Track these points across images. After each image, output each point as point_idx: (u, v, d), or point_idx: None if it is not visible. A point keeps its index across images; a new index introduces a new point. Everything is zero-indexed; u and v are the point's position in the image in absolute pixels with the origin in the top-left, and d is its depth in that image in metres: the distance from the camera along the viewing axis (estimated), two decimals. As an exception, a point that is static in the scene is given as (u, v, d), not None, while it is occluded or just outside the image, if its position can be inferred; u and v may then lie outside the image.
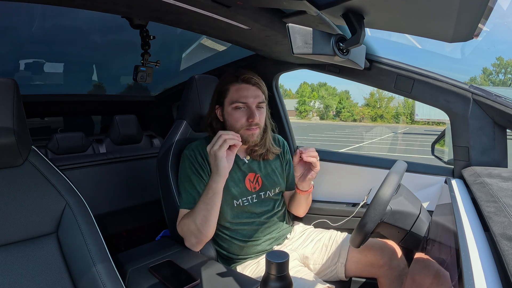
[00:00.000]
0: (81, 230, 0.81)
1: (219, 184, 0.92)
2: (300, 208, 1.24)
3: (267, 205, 1.15)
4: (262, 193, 1.14)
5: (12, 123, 0.74)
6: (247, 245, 1.09)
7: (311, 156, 1.05)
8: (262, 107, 1.08)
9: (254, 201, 1.12)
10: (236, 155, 1.12)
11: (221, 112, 1.08)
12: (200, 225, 0.94)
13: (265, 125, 1.13)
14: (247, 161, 1.15)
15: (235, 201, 1.09)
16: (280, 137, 1.30)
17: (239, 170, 1.13)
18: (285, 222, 1.21)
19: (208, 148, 0.92)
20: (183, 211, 1.02)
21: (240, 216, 1.10)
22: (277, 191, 1.19)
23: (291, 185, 1.26)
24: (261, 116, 1.07)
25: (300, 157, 1.06)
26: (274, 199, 1.18)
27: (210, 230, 0.97)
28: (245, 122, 1.03)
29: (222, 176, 0.92)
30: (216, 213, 0.95)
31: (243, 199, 1.10)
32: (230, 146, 0.91)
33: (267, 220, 1.14)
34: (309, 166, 1.09)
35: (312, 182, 1.17)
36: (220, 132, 0.91)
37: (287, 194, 1.29)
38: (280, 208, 1.19)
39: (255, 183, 1.14)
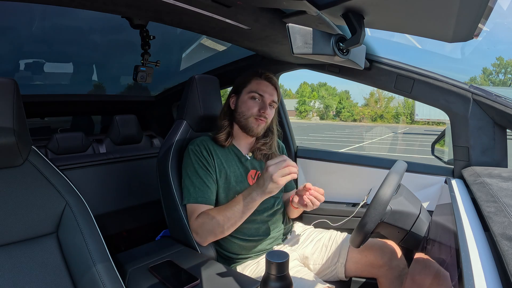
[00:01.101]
0: (81, 230, 0.81)
1: (263, 199, 0.92)
2: (293, 214, 1.27)
3: (267, 201, 1.15)
4: None
5: (12, 123, 0.74)
6: (247, 244, 1.09)
7: (317, 199, 1.04)
8: (273, 107, 1.15)
9: None
10: (239, 151, 1.16)
11: (235, 100, 1.14)
12: (227, 228, 0.97)
13: (273, 127, 1.19)
14: (249, 158, 1.16)
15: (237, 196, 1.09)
16: (279, 141, 1.34)
17: (242, 166, 1.14)
18: (284, 221, 1.22)
19: (271, 166, 0.86)
20: (194, 206, 1.02)
21: None
22: None
23: (287, 187, 1.31)
24: (270, 114, 1.13)
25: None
26: (274, 197, 1.18)
27: (232, 230, 0.99)
28: (257, 111, 1.10)
29: (270, 195, 0.91)
30: (245, 219, 0.97)
31: None
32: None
33: (268, 218, 1.14)
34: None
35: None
36: (288, 161, 0.87)
37: (284, 194, 1.31)
38: (279, 207, 1.20)
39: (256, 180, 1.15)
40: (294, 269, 1.03)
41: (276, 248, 1.15)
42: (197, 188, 1.03)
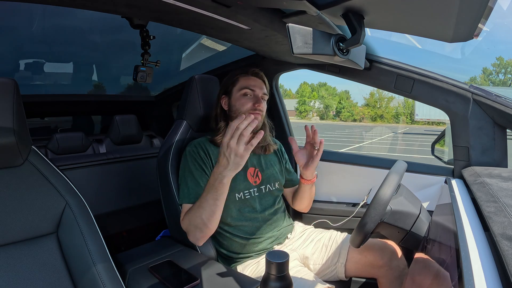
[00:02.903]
0: (81, 230, 0.81)
1: (230, 178, 0.90)
2: (304, 201, 1.27)
3: (268, 200, 1.16)
4: (262, 187, 1.16)
5: (12, 123, 0.74)
6: (248, 242, 1.10)
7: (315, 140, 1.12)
8: (265, 99, 1.16)
9: (256, 194, 1.13)
10: None
11: (227, 101, 1.15)
12: (207, 219, 0.94)
13: (264, 122, 1.19)
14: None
15: (237, 194, 1.10)
16: (275, 139, 1.35)
17: None
18: (285, 220, 1.22)
19: (224, 140, 0.85)
20: (186, 206, 1.02)
21: (242, 211, 1.10)
22: (277, 186, 1.20)
23: (293, 182, 1.30)
24: (264, 106, 1.14)
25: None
26: (274, 195, 1.19)
27: (215, 223, 0.97)
28: (251, 106, 1.11)
29: (237, 171, 0.88)
30: (222, 206, 0.95)
31: (245, 192, 1.11)
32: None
33: (268, 216, 1.14)
34: (311, 153, 1.14)
35: (316, 172, 1.20)
36: (234, 123, 0.84)
37: (289, 191, 1.32)
38: (280, 205, 1.20)
39: (256, 177, 1.16)
40: (294, 269, 1.03)
41: (276, 248, 1.15)
42: (192, 189, 1.03)
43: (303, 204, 1.28)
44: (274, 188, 1.19)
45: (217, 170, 0.89)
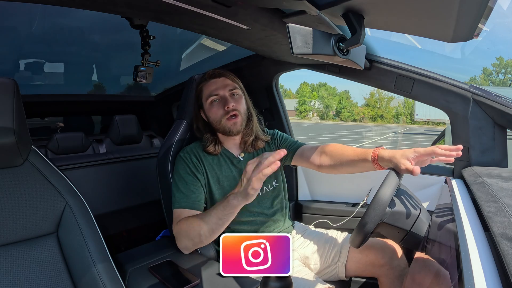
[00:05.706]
0: (81, 230, 0.81)
1: (241, 205, 0.83)
2: (348, 169, 1.10)
3: (265, 201, 1.15)
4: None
5: (12, 123, 0.74)
6: (247, 245, 1.09)
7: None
8: (237, 94, 1.10)
9: None
10: (231, 153, 1.14)
11: (204, 113, 1.13)
12: (205, 236, 0.91)
13: (250, 113, 1.15)
14: (242, 159, 1.15)
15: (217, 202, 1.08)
16: (267, 129, 1.26)
17: (234, 168, 1.13)
18: (285, 221, 1.21)
19: (249, 168, 0.76)
20: (178, 211, 1.01)
21: (240, 215, 1.10)
22: (274, 184, 1.18)
23: (295, 147, 1.20)
24: (238, 103, 1.09)
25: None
26: (272, 196, 1.18)
27: (210, 240, 0.94)
28: (223, 111, 1.07)
29: (249, 201, 0.81)
30: (223, 228, 0.90)
31: None
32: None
33: (266, 218, 1.14)
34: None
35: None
36: (264, 157, 0.74)
37: (305, 154, 1.18)
38: (279, 206, 1.19)
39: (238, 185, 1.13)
40: (295, 269, 1.03)
41: (276, 248, 1.15)
42: (183, 193, 1.02)
43: (341, 170, 1.12)
44: (271, 189, 1.17)
45: (233, 194, 0.83)
